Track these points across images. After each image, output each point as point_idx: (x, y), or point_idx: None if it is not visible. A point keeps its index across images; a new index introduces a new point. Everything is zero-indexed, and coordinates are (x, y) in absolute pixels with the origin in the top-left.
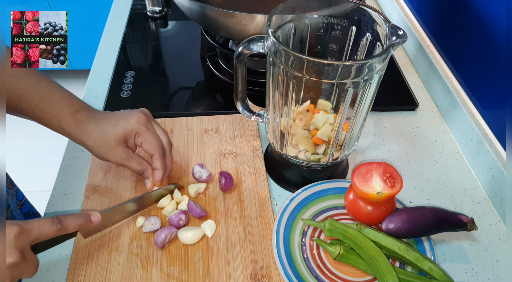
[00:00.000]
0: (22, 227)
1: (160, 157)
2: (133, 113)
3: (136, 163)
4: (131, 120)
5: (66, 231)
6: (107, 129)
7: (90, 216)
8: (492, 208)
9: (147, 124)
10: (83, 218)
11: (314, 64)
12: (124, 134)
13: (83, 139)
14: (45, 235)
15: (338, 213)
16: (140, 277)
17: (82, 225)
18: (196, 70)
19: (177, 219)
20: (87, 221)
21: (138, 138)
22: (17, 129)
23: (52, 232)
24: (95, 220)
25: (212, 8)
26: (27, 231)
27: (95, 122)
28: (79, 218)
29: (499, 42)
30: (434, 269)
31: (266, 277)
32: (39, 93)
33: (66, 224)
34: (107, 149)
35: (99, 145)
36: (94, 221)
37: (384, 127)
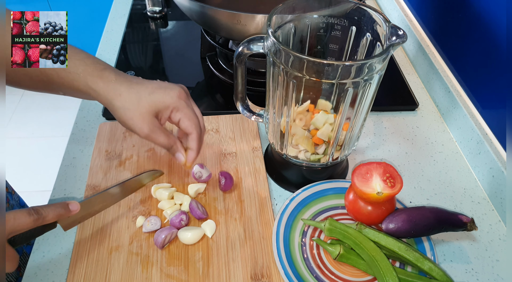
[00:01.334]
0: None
1: (198, 137)
2: (174, 86)
3: (164, 136)
4: (172, 93)
5: (44, 221)
6: (141, 94)
7: (69, 205)
8: (492, 208)
9: (187, 100)
10: (61, 207)
11: (314, 64)
12: (159, 105)
13: (111, 98)
14: (21, 227)
15: (338, 213)
16: (140, 277)
17: (60, 215)
18: (196, 70)
19: (178, 220)
20: (65, 210)
21: (176, 113)
22: (17, 129)
23: (28, 223)
24: (73, 209)
25: (212, 8)
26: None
27: (128, 84)
28: (57, 208)
29: (499, 42)
30: (434, 269)
31: (266, 277)
32: None
33: (44, 214)
34: (136, 115)
35: (127, 107)
36: (73, 210)
37: (384, 127)
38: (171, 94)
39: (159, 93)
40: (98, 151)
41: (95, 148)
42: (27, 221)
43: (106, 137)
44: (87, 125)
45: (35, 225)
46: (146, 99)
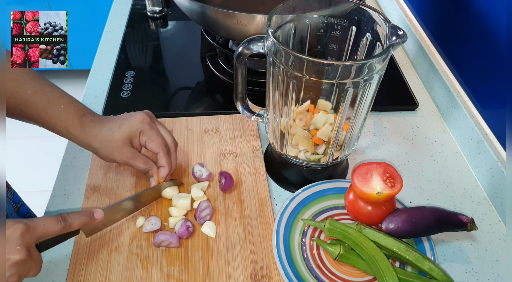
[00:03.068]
0: (28, 225)
1: (165, 155)
2: (137, 114)
3: (141, 161)
4: (135, 119)
5: (70, 228)
6: (113, 129)
7: (93, 214)
8: (492, 208)
9: (151, 124)
10: (87, 215)
11: (314, 64)
12: (129, 133)
13: (89, 141)
14: (50, 232)
15: (338, 213)
16: (140, 277)
17: (85, 223)
18: (196, 70)
19: (184, 228)
20: (90, 218)
21: (142, 136)
22: (17, 129)
23: (56, 230)
24: (98, 217)
25: (212, 8)
26: (33, 228)
27: (101, 124)
28: (83, 216)
29: (499, 42)
30: (434, 269)
31: (266, 277)
32: (45, 98)
33: (70, 222)
34: (113, 149)
35: (105, 145)
36: (97, 218)
37: (384, 127)
38: (135, 121)
39: (126, 123)
40: None
41: None
42: (55, 228)
43: None
44: None
45: (62, 232)
46: (117, 132)
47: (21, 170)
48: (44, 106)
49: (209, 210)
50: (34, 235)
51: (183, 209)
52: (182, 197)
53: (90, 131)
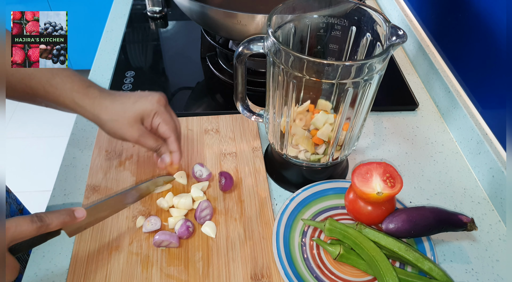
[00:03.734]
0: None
1: (176, 140)
2: (154, 94)
3: (152, 139)
4: (152, 99)
5: (48, 229)
6: (126, 104)
7: (74, 212)
8: (492, 208)
9: (167, 105)
10: (66, 214)
11: (314, 64)
12: (143, 111)
13: (98, 112)
14: (23, 234)
15: (338, 213)
16: (140, 277)
17: (65, 222)
18: (196, 70)
19: (184, 228)
20: (71, 217)
21: (156, 118)
22: (17, 129)
23: (31, 231)
24: (79, 216)
25: (212, 8)
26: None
27: (112, 98)
28: (62, 215)
29: (499, 42)
30: (434, 269)
31: (266, 277)
32: (49, 70)
33: (48, 222)
34: (123, 124)
35: (115, 119)
36: (79, 217)
37: (384, 127)
38: (152, 101)
39: (142, 101)
40: (98, 150)
41: (95, 148)
42: (29, 229)
43: (106, 137)
44: (87, 125)
45: (38, 232)
46: (131, 108)
47: (21, 170)
48: (48, 78)
49: (209, 210)
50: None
51: (184, 209)
52: (183, 197)
53: (99, 102)
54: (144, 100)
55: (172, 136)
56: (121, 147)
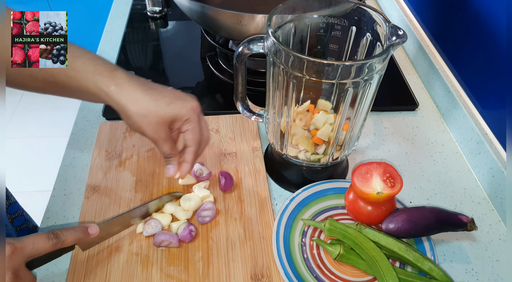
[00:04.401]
0: (15, 246)
1: (194, 152)
2: (190, 99)
3: (169, 146)
4: (188, 105)
5: (63, 245)
6: (160, 103)
7: (88, 229)
8: (492, 208)
9: (200, 115)
10: (81, 231)
11: (314, 64)
12: (176, 115)
13: (125, 102)
14: (40, 250)
15: (338, 213)
16: (140, 277)
17: (79, 239)
18: (196, 70)
19: (187, 232)
20: (84, 234)
21: (185, 125)
22: (17, 129)
23: (47, 248)
24: (92, 233)
25: (212, 8)
26: (20, 249)
27: (143, 90)
28: (76, 232)
29: (499, 42)
30: (434, 269)
31: (266, 277)
32: (70, 53)
33: (63, 239)
34: (152, 123)
35: (143, 114)
36: (92, 234)
37: (384, 127)
38: (188, 106)
39: (178, 104)
40: (98, 151)
41: (95, 148)
42: (46, 246)
43: (106, 137)
44: (87, 125)
45: (54, 249)
46: (164, 109)
47: (21, 170)
48: (70, 61)
49: (211, 212)
50: (22, 255)
51: (190, 211)
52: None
53: (128, 91)
54: (179, 104)
55: (192, 148)
56: (121, 147)
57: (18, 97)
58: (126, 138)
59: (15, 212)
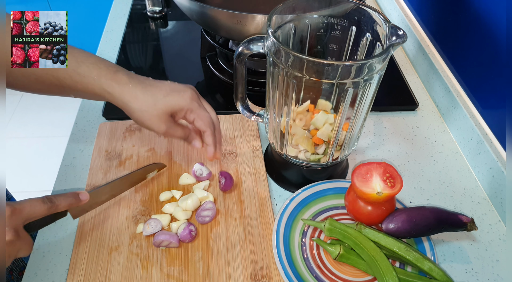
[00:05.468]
0: (14, 207)
1: (211, 134)
2: (186, 89)
3: (180, 130)
4: (185, 96)
5: (57, 209)
6: (157, 96)
7: (79, 195)
8: (492, 208)
9: (199, 101)
10: (72, 196)
11: (314, 64)
12: (174, 106)
13: (127, 100)
14: (36, 213)
15: (338, 213)
16: (140, 277)
17: (71, 204)
18: (196, 70)
19: (187, 232)
20: (76, 199)
21: (190, 114)
22: (17, 129)
23: (43, 211)
24: (83, 199)
25: (212, 8)
26: (19, 210)
27: (143, 86)
28: (68, 197)
29: (499, 42)
30: (434, 269)
31: (266, 277)
32: (74, 59)
33: (56, 203)
34: (153, 116)
35: (144, 109)
36: (83, 200)
37: (384, 127)
38: (185, 97)
39: (174, 95)
40: (98, 151)
41: (95, 148)
42: (41, 209)
43: (106, 137)
44: (87, 125)
45: (48, 212)
46: (161, 101)
47: (21, 170)
48: (74, 67)
49: (211, 212)
50: (21, 216)
51: (190, 211)
52: (189, 198)
53: (130, 90)
54: (176, 96)
55: (208, 131)
56: (121, 147)
57: (18, 97)
58: (126, 138)
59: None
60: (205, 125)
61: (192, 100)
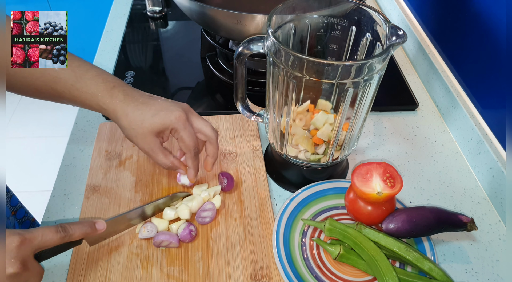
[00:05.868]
0: (24, 236)
1: (192, 157)
2: (175, 108)
3: (162, 155)
4: (171, 116)
5: (71, 239)
6: (145, 115)
7: (95, 224)
8: (492, 208)
9: (185, 123)
10: (88, 226)
11: (314, 64)
12: (160, 126)
13: (118, 117)
14: (48, 243)
15: (338, 213)
16: (140, 277)
17: (87, 233)
18: (196, 70)
19: (187, 232)
20: (92, 229)
21: (174, 133)
22: (17, 129)
23: (56, 241)
24: (100, 228)
25: (212, 8)
26: (29, 240)
27: (135, 105)
28: (84, 226)
29: (499, 42)
30: (434, 269)
31: (266, 277)
32: (73, 73)
33: (71, 232)
34: (139, 134)
35: (132, 127)
36: (99, 229)
37: (384, 127)
38: (171, 117)
39: (161, 115)
40: (98, 151)
41: (95, 148)
42: (54, 238)
43: (106, 137)
44: (87, 125)
45: (61, 242)
46: (148, 121)
47: (21, 170)
48: (73, 82)
49: (211, 213)
50: (31, 246)
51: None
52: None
53: (122, 108)
54: (163, 115)
55: (188, 154)
56: (121, 147)
57: (18, 98)
58: (126, 139)
59: (16, 205)
60: (185, 148)
61: (178, 121)
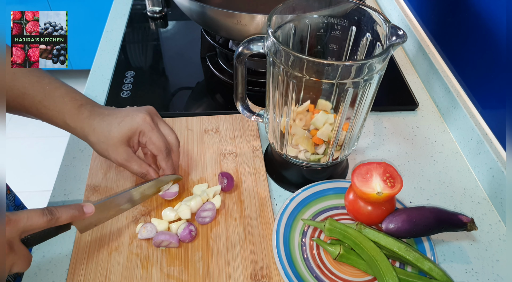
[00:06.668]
0: (9, 217)
1: (165, 158)
2: (139, 111)
3: (136, 164)
4: (137, 118)
5: (58, 222)
6: (112, 125)
7: (83, 207)
8: (492, 208)
9: (152, 124)
10: (76, 209)
11: (314, 64)
12: (128, 132)
13: (86, 134)
14: (34, 226)
15: (338, 213)
16: (140, 277)
17: (74, 217)
18: (196, 70)
19: (187, 232)
20: (79, 212)
21: (142, 137)
22: (17, 129)
23: (42, 223)
24: (88, 211)
25: (212, 8)
26: (15, 221)
27: (101, 118)
28: (71, 209)
29: (499, 42)
30: (434, 269)
31: (266, 277)
32: (42, 90)
33: (57, 215)
34: (109, 146)
35: (101, 140)
36: (87, 213)
37: (384, 127)
38: (136, 120)
39: (126, 121)
40: None
41: None
42: (40, 221)
43: None
44: None
45: (48, 225)
46: (115, 129)
47: (21, 170)
48: (40, 98)
49: (211, 213)
50: (16, 228)
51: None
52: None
53: (88, 123)
54: (129, 120)
55: (160, 155)
56: None
57: None
58: None
59: (19, 204)
60: (156, 150)
61: (144, 122)
